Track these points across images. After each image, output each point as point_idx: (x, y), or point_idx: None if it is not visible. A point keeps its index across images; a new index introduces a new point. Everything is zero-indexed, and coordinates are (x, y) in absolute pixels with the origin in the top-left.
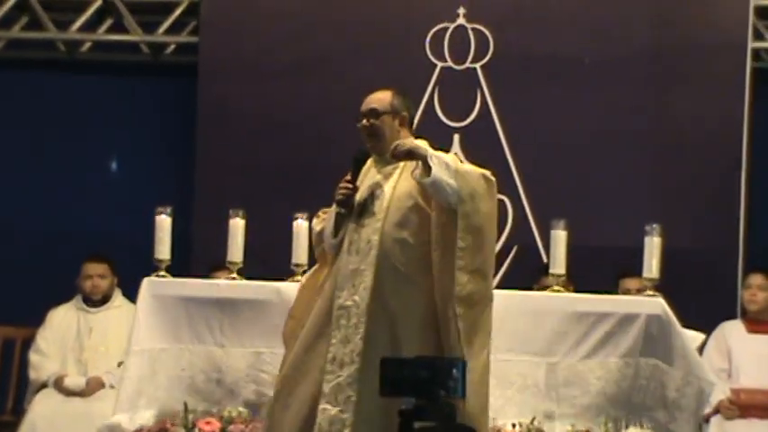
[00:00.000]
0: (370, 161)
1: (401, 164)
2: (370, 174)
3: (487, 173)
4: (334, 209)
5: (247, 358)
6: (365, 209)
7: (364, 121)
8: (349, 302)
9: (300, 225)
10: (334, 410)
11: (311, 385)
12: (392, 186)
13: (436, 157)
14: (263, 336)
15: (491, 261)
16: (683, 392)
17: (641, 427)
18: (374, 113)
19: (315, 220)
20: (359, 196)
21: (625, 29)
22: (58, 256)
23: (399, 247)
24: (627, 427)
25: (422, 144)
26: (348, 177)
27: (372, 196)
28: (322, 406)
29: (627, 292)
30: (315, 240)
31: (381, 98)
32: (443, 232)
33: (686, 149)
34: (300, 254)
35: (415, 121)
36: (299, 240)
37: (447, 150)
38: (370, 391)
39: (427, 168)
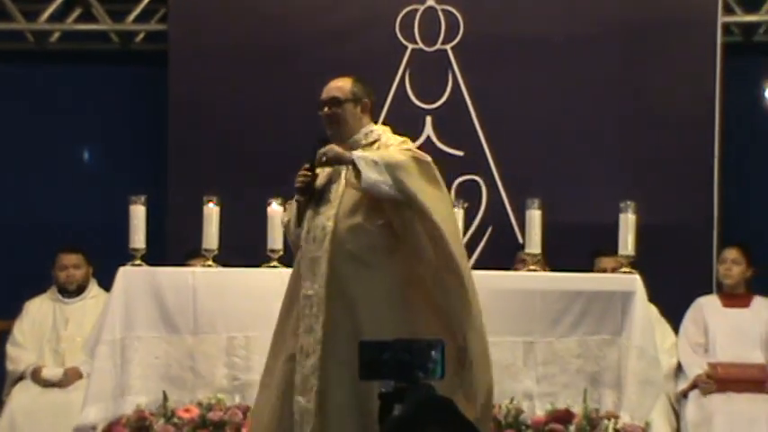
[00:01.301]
0: None
1: (360, 149)
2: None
3: (419, 154)
4: (295, 198)
5: (220, 344)
6: (322, 196)
7: (326, 108)
8: (310, 291)
9: (274, 210)
10: (303, 401)
11: (283, 377)
12: (348, 172)
13: (362, 159)
14: (236, 321)
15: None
16: (643, 371)
17: (615, 406)
18: (335, 101)
19: (283, 213)
20: (318, 184)
21: (595, 6)
22: (32, 247)
23: (353, 232)
24: (604, 405)
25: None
26: (307, 165)
27: (329, 183)
28: (296, 397)
29: (602, 270)
30: (285, 231)
31: (341, 86)
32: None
33: (659, 125)
34: (276, 239)
35: (385, 107)
36: (274, 226)
37: (419, 133)
38: (335, 379)
39: (359, 172)
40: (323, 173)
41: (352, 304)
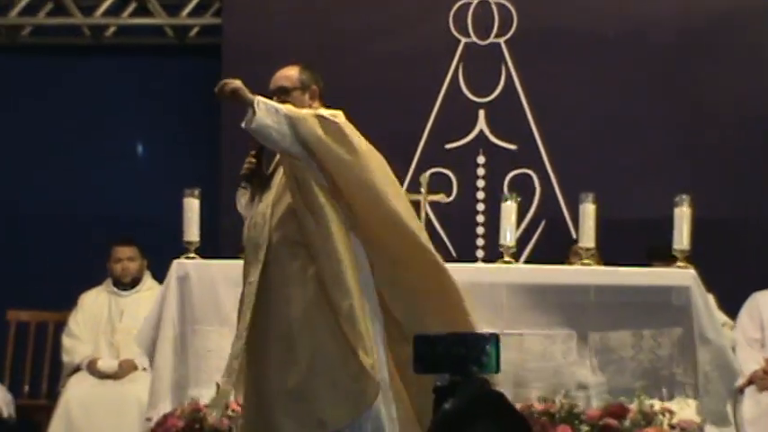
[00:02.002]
0: None
1: None
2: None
3: (325, 113)
4: (241, 185)
5: None
6: (267, 183)
7: (274, 98)
8: (252, 278)
9: None
10: (222, 382)
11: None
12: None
13: (263, 103)
14: None
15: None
16: (714, 366)
17: (672, 398)
18: (283, 90)
19: (238, 201)
20: (266, 171)
21: (651, 1)
22: (88, 239)
23: (289, 217)
24: (660, 399)
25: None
26: (253, 152)
27: (274, 171)
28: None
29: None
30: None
31: (289, 75)
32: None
33: (715, 119)
34: None
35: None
36: None
37: (472, 127)
38: (252, 364)
39: (253, 114)
40: (274, 161)
41: (285, 297)
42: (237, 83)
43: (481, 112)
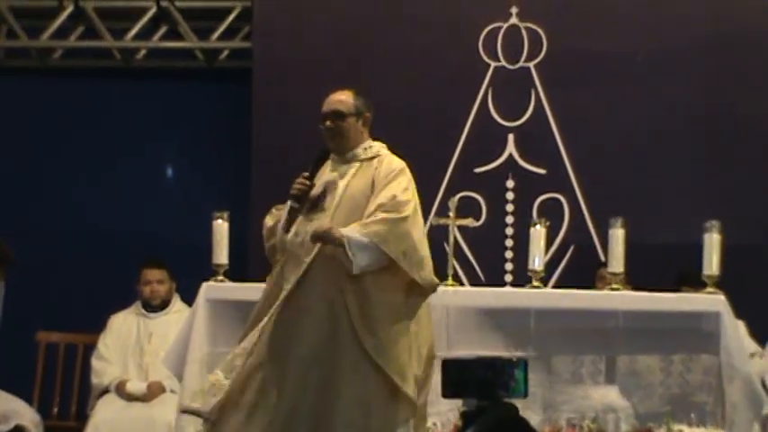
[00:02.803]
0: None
1: (357, 163)
2: (325, 171)
3: (396, 215)
4: (288, 204)
5: None
6: (316, 204)
7: (328, 122)
8: (287, 289)
9: None
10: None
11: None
12: (345, 184)
13: (354, 246)
14: None
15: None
16: (742, 394)
17: (701, 425)
18: (339, 115)
19: (267, 217)
20: (313, 192)
21: (678, 24)
22: (118, 261)
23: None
24: (689, 425)
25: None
26: (306, 174)
27: (324, 192)
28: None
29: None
30: (266, 235)
31: (344, 100)
32: None
33: (744, 144)
34: None
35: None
36: None
37: (501, 151)
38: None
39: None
40: (319, 181)
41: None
42: (327, 227)
43: (510, 137)
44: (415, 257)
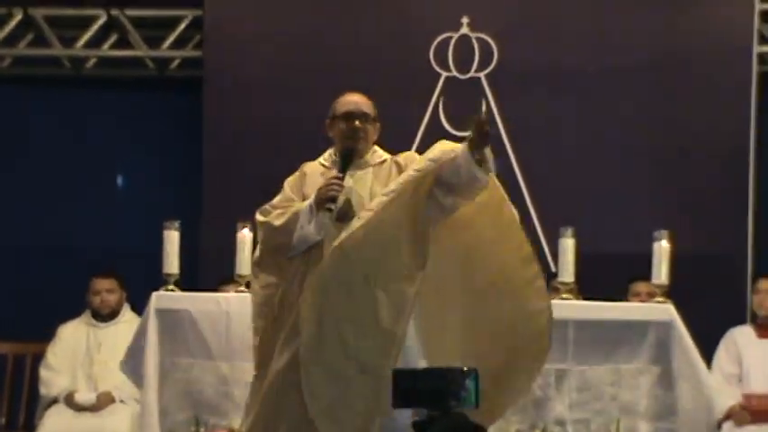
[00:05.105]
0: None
1: (369, 169)
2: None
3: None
4: (305, 204)
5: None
6: (344, 213)
7: (357, 122)
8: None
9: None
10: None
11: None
12: (368, 191)
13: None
14: None
15: None
16: (693, 401)
17: None
18: (366, 117)
19: (260, 216)
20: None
21: (629, 37)
22: (67, 271)
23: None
24: None
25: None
26: (340, 175)
27: (349, 200)
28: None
29: (637, 295)
30: (271, 235)
31: (368, 102)
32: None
33: (693, 154)
34: None
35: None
36: None
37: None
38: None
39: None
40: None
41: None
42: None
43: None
44: None
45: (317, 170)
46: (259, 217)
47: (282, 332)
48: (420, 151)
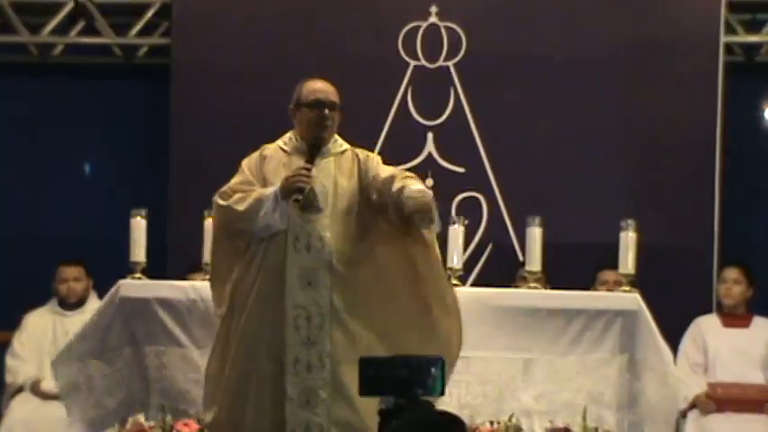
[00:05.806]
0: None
1: (331, 158)
2: (291, 164)
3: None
4: (269, 191)
5: None
6: (311, 204)
7: (326, 110)
8: (307, 301)
9: None
10: (306, 414)
11: (269, 388)
12: (333, 182)
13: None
14: None
15: None
16: (658, 390)
17: (616, 423)
18: (334, 106)
19: (220, 200)
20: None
21: (597, 27)
22: (34, 259)
23: (350, 242)
24: (605, 423)
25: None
26: (307, 165)
27: (313, 190)
28: (291, 409)
29: (605, 283)
30: (232, 220)
31: (335, 91)
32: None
33: (661, 145)
34: None
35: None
36: None
37: (420, 149)
38: (340, 392)
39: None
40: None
41: (343, 316)
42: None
43: (429, 135)
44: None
45: (277, 154)
46: (218, 200)
47: (239, 317)
48: (386, 144)
